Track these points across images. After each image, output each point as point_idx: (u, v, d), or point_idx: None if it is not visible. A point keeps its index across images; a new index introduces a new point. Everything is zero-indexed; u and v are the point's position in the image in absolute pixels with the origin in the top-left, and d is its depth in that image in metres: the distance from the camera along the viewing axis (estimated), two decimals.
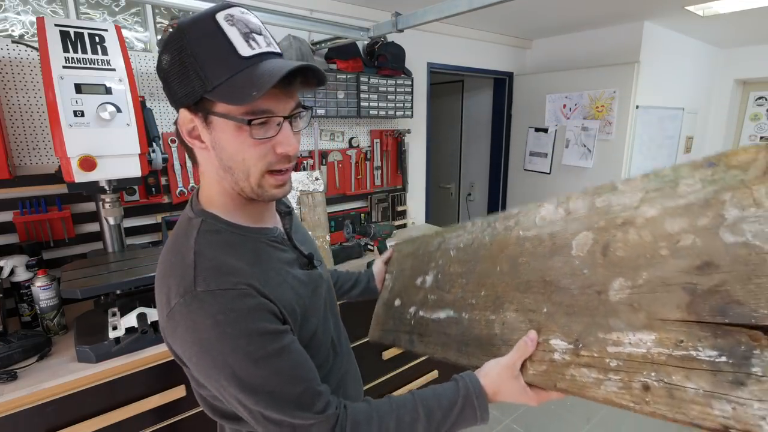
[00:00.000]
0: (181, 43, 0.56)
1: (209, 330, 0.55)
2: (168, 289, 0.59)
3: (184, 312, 0.56)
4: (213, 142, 0.60)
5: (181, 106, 0.59)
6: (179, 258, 0.60)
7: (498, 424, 2.32)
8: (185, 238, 0.62)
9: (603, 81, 2.58)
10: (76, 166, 1.17)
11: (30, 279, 1.33)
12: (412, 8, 1.67)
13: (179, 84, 0.57)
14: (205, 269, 0.58)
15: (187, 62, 0.55)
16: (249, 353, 0.56)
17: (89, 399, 1.16)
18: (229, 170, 0.61)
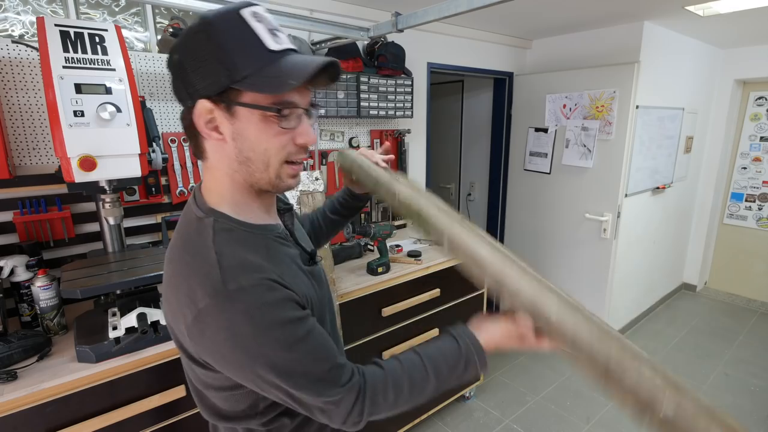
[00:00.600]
0: (206, 34, 0.57)
1: (244, 325, 0.56)
2: (191, 291, 0.58)
3: (216, 311, 0.56)
4: (234, 132, 0.60)
5: (201, 97, 0.59)
6: (199, 258, 0.60)
7: (498, 424, 2.32)
8: (200, 238, 0.62)
9: (603, 81, 2.58)
10: (76, 166, 1.17)
11: (30, 279, 1.33)
12: (412, 8, 1.67)
13: (200, 75, 0.58)
14: (230, 267, 0.58)
15: (213, 53, 0.56)
16: (282, 341, 0.58)
17: (89, 399, 1.16)
18: (247, 161, 0.62)
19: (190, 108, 0.61)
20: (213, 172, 0.66)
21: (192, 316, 0.58)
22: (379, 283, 1.82)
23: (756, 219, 3.70)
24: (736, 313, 3.62)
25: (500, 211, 3.42)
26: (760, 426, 2.30)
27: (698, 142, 3.61)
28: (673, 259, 3.77)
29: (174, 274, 0.62)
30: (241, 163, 0.62)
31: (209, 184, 0.67)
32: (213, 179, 0.66)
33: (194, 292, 0.58)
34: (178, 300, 0.60)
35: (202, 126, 0.60)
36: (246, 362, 0.58)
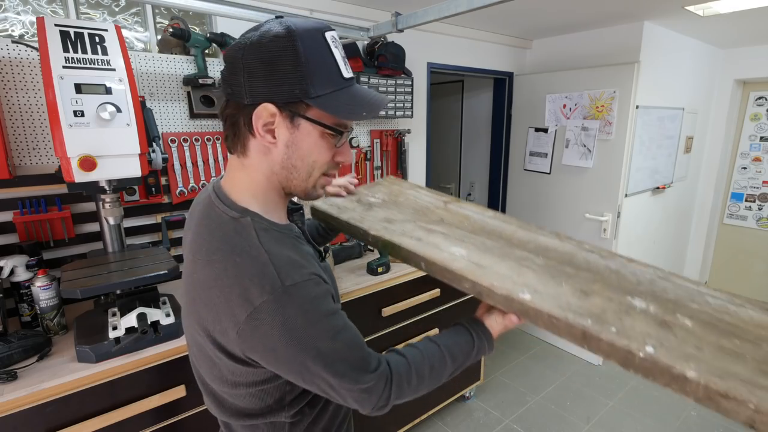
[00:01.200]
0: (292, 45, 0.59)
1: (298, 318, 0.60)
2: (245, 290, 0.60)
3: (274, 308, 0.59)
4: (290, 140, 0.64)
5: (266, 101, 0.61)
6: (248, 258, 0.61)
7: (498, 424, 2.32)
8: (243, 238, 0.63)
9: (603, 81, 2.58)
10: (76, 166, 1.17)
11: (30, 279, 1.33)
12: (412, 8, 1.67)
13: (272, 80, 0.60)
14: (283, 265, 0.62)
15: (294, 65, 0.60)
16: (328, 331, 0.63)
17: (89, 399, 1.16)
18: (293, 168, 0.67)
19: (247, 106, 0.62)
20: (249, 169, 0.68)
21: (246, 314, 0.59)
22: (379, 283, 1.82)
23: (756, 219, 3.70)
24: None
25: (500, 211, 3.42)
26: None
27: (698, 142, 3.61)
28: (673, 259, 3.76)
29: (218, 275, 0.62)
30: (284, 168, 0.66)
31: (241, 180, 0.69)
32: (248, 177, 0.68)
33: (249, 291, 0.59)
34: (228, 300, 0.61)
35: (259, 126, 0.62)
36: (297, 354, 0.61)
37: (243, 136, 0.65)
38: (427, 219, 0.93)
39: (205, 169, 1.83)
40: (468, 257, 0.80)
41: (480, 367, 2.47)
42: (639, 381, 2.70)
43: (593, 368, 2.84)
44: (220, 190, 0.70)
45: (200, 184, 1.83)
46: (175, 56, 1.70)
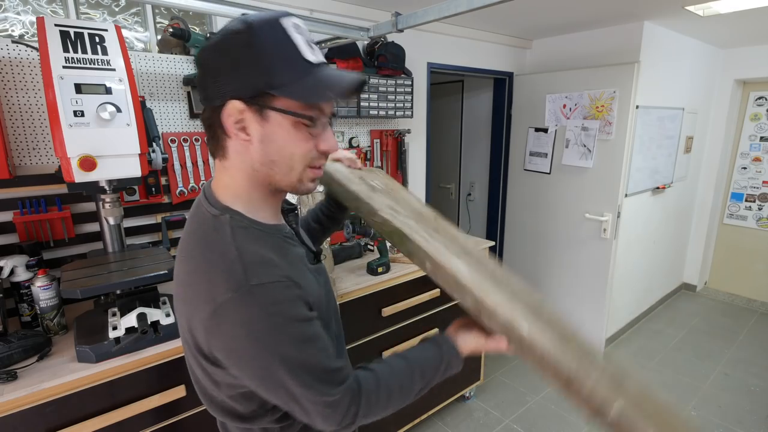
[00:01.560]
0: (248, 39, 0.58)
1: (262, 321, 0.58)
2: (211, 285, 0.60)
3: (237, 306, 0.58)
4: (263, 135, 0.62)
5: (232, 98, 0.60)
6: (218, 254, 0.61)
7: (498, 424, 2.32)
8: (218, 234, 0.63)
9: (603, 81, 2.58)
10: (76, 166, 1.17)
11: (30, 279, 1.33)
12: (412, 8, 1.67)
13: (235, 76, 0.59)
14: (252, 263, 0.60)
15: (252, 57, 0.58)
16: (295, 338, 0.61)
17: (89, 399, 1.16)
18: (271, 164, 0.64)
19: (217, 107, 0.61)
20: (231, 171, 0.66)
21: (210, 310, 0.59)
22: (379, 283, 1.82)
23: (756, 219, 3.70)
24: (736, 313, 3.62)
25: (500, 211, 3.42)
26: (760, 426, 2.30)
27: (698, 142, 3.61)
28: (673, 259, 3.77)
29: (191, 270, 0.63)
30: (264, 164, 0.64)
31: (224, 182, 0.68)
32: (230, 178, 0.67)
33: (215, 287, 0.59)
34: (197, 295, 0.61)
35: (230, 126, 0.61)
36: (259, 357, 0.60)
37: (220, 139, 0.64)
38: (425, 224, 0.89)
39: (205, 169, 1.83)
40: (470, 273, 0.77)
41: (480, 367, 2.47)
42: None
43: None
44: (209, 190, 0.70)
45: (200, 184, 1.83)
46: (175, 56, 1.70)
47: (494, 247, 2.80)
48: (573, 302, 2.96)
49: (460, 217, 3.93)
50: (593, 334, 2.87)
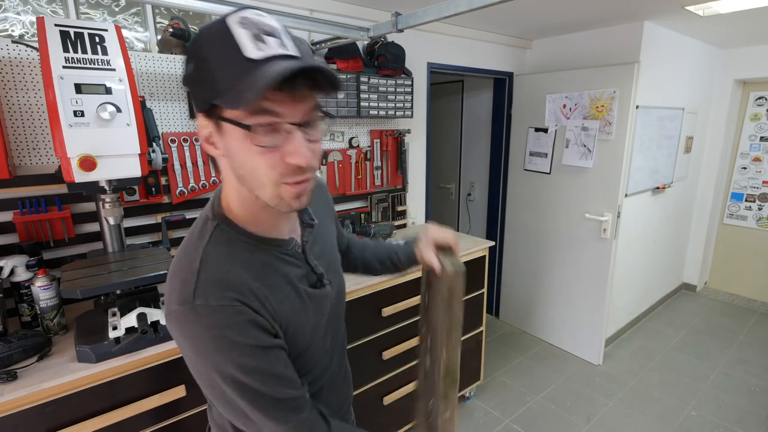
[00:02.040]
0: (196, 48, 0.55)
1: (204, 340, 0.58)
2: (171, 290, 0.62)
3: (181, 320, 0.59)
4: (225, 149, 0.58)
5: (199, 113, 0.59)
6: (187, 262, 0.62)
7: (498, 424, 2.32)
8: (198, 241, 0.64)
9: (603, 81, 2.58)
10: (76, 166, 1.17)
11: (30, 279, 1.33)
12: (412, 8, 1.67)
13: (196, 90, 0.57)
14: (205, 281, 0.59)
15: (200, 67, 0.54)
16: (241, 365, 0.59)
17: (89, 399, 1.16)
18: (242, 179, 0.59)
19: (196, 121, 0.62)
20: (224, 183, 0.66)
21: (166, 313, 0.62)
22: (379, 283, 1.82)
23: (756, 219, 3.70)
24: (736, 313, 3.63)
25: (500, 211, 3.42)
26: (760, 426, 2.30)
27: (698, 142, 3.61)
28: (673, 259, 3.77)
29: (170, 270, 0.65)
30: (238, 179, 0.60)
31: (223, 191, 0.68)
32: (224, 189, 0.67)
33: (171, 293, 0.61)
34: (166, 293, 0.64)
35: (203, 140, 0.60)
36: (204, 373, 0.61)
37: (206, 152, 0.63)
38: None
39: (206, 170, 1.83)
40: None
41: (480, 367, 2.47)
42: (639, 381, 2.70)
43: (593, 368, 2.84)
44: (218, 193, 0.69)
45: (200, 184, 1.83)
46: (175, 56, 1.70)
47: (494, 247, 2.80)
48: (573, 302, 2.96)
49: (460, 217, 3.93)
50: (593, 334, 2.87)
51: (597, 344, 2.86)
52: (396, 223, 2.62)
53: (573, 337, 3.00)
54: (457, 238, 0.92)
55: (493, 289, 3.57)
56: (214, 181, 1.86)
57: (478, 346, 2.42)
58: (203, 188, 1.83)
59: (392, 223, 2.49)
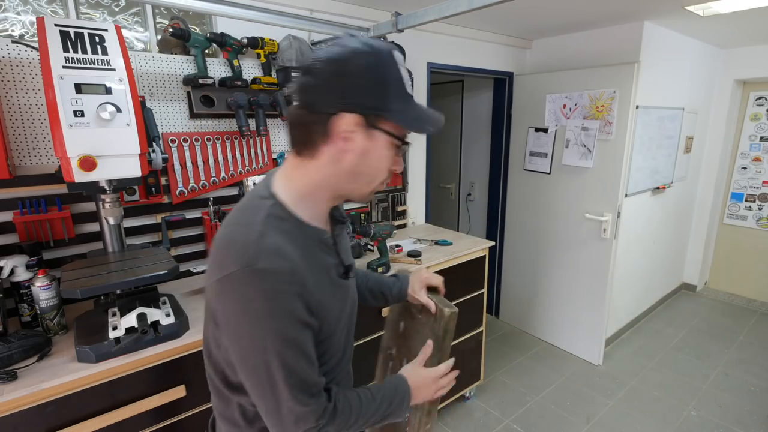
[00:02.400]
0: (375, 62, 0.65)
1: (257, 302, 0.62)
2: (226, 255, 0.64)
3: (239, 281, 0.62)
4: (364, 149, 0.68)
5: (347, 110, 0.65)
6: (245, 230, 0.66)
7: (498, 424, 2.32)
8: (254, 213, 0.68)
9: (603, 81, 2.58)
10: (76, 166, 1.17)
11: (30, 279, 1.33)
12: (412, 8, 1.67)
13: (358, 93, 0.65)
14: (267, 247, 0.63)
15: (376, 80, 0.65)
16: (286, 334, 0.64)
17: (89, 399, 1.16)
18: (359, 175, 0.70)
19: (326, 114, 0.65)
20: (309, 171, 0.70)
21: (217, 278, 0.64)
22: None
23: (756, 219, 3.70)
24: (736, 313, 3.63)
25: (500, 211, 3.42)
26: (760, 426, 2.30)
27: (698, 142, 3.61)
28: (673, 259, 3.77)
29: (223, 237, 0.68)
30: (351, 174, 0.70)
31: (293, 175, 0.72)
32: (303, 176, 0.71)
33: (227, 258, 0.64)
34: (215, 260, 0.66)
35: (338, 133, 0.66)
36: (247, 336, 0.64)
37: (316, 141, 0.68)
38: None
39: (205, 169, 1.83)
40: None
41: (480, 367, 2.47)
42: (639, 381, 2.70)
43: (593, 368, 2.84)
44: (270, 177, 0.75)
45: (200, 184, 1.83)
46: (175, 56, 1.70)
47: (494, 247, 2.80)
48: (573, 302, 2.96)
49: (460, 217, 3.93)
50: (593, 334, 2.87)
51: (597, 344, 2.86)
52: (396, 223, 2.62)
53: (573, 337, 3.00)
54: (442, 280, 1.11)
55: (493, 289, 3.57)
56: (215, 181, 1.86)
57: (478, 346, 2.42)
58: (203, 188, 1.84)
59: (392, 223, 2.49)
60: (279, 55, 1.92)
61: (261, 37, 1.83)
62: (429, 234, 2.50)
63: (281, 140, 2.07)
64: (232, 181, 1.91)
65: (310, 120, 0.67)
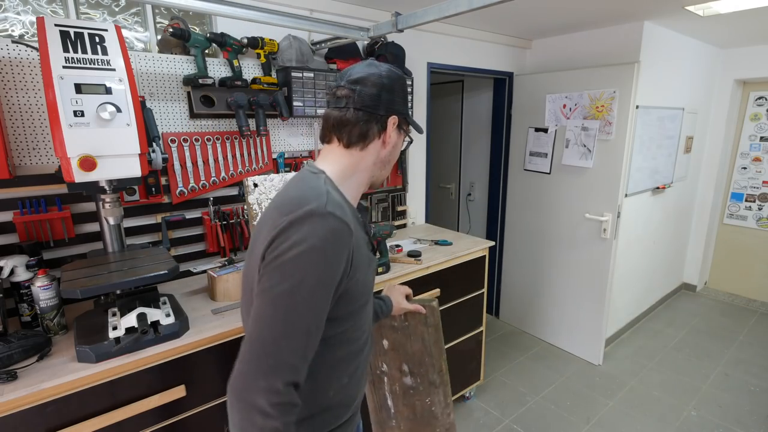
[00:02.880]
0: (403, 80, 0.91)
1: (315, 239, 0.70)
2: (300, 202, 0.74)
3: (313, 216, 0.71)
4: (395, 143, 0.90)
5: (396, 114, 0.87)
6: (314, 189, 0.77)
7: (498, 424, 2.32)
8: (315, 180, 0.80)
9: (603, 81, 2.58)
10: (76, 166, 1.17)
11: (30, 279, 1.33)
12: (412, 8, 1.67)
13: (401, 102, 0.89)
14: (333, 200, 0.76)
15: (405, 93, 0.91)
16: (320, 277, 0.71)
17: (89, 399, 1.16)
18: (387, 162, 0.91)
19: (380, 115, 0.85)
20: (357, 159, 0.86)
21: (290, 217, 0.72)
22: (379, 283, 1.82)
23: (756, 219, 3.70)
24: (736, 313, 3.63)
25: (500, 211, 3.42)
26: (760, 426, 2.30)
27: (698, 142, 3.61)
28: (673, 259, 3.77)
29: (281, 196, 0.80)
30: (382, 161, 0.90)
31: (341, 162, 0.86)
32: (351, 163, 0.86)
33: (302, 204, 0.73)
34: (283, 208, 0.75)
35: (390, 130, 0.87)
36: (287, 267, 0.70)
37: (370, 136, 0.85)
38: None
39: (205, 169, 1.83)
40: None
41: (480, 367, 2.47)
42: (639, 381, 2.70)
43: (593, 368, 2.84)
44: (311, 162, 0.88)
45: (200, 184, 1.83)
46: (175, 56, 1.70)
47: (494, 247, 2.80)
48: (573, 302, 2.96)
49: (460, 217, 3.93)
50: (593, 334, 2.87)
51: (597, 344, 2.86)
52: (396, 223, 2.62)
53: (573, 337, 3.00)
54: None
55: (493, 289, 3.57)
56: (214, 181, 1.86)
57: (478, 346, 2.42)
58: (203, 188, 1.84)
59: (392, 223, 2.49)
60: (279, 55, 1.92)
61: (261, 37, 1.83)
62: (429, 234, 2.50)
63: (281, 140, 2.07)
64: (232, 181, 1.91)
65: (366, 118, 0.83)
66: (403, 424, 1.38)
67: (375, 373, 1.37)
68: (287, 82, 1.90)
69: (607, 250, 2.71)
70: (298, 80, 1.89)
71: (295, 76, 1.88)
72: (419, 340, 1.28)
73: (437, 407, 1.34)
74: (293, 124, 2.10)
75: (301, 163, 2.13)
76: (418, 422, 1.36)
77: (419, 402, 1.36)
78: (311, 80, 1.93)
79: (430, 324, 1.29)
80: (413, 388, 1.34)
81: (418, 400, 1.36)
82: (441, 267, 2.07)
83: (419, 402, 1.36)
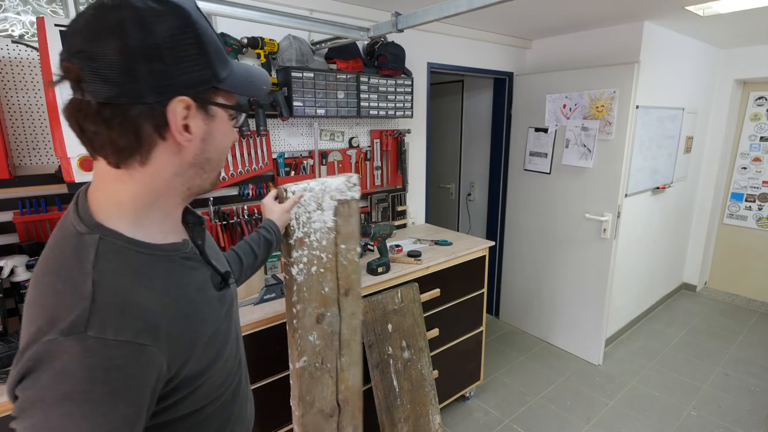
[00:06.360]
0: (184, 22, 0.50)
1: (79, 384, 0.44)
2: (45, 319, 0.46)
3: (57, 353, 0.44)
4: (206, 132, 0.56)
5: (179, 94, 0.51)
6: (69, 285, 0.48)
7: (498, 424, 2.32)
8: (76, 259, 0.50)
9: (603, 81, 2.58)
10: (76, 166, 1.17)
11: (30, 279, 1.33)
12: (412, 8, 1.67)
13: (182, 68, 0.50)
14: (105, 307, 0.47)
15: (197, 46, 0.51)
16: (110, 424, 0.46)
17: None
18: (205, 163, 0.59)
19: (150, 105, 0.50)
20: (140, 178, 0.54)
21: (24, 346, 0.47)
22: (379, 283, 1.82)
23: (756, 219, 3.70)
24: (736, 313, 3.63)
25: (500, 211, 3.42)
26: (760, 426, 2.30)
27: (698, 142, 3.62)
28: (673, 259, 3.77)
29: (35, 300, 0.50)
30: (195, 165, 0.57)
31: (117, 193, 0.55)
32: (135, 186, 0.55)
33: (46, 323, 0.46)
34: (27, 328, 0.48)
35: (177, 125, 0.52)
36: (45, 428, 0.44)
37: (145, 143, 0.52)
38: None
39: None
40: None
41: (480, 367, 2.47)
42: (639, 381, 2.70)
43: (593, 368, 2.84)
44: (83, 201, 0.55)
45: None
46: None
47: (494, 247, 2.80)
48: (573, 302, 2.96)
49: (460, 217, 3.93)
50: (593, 334, 2.87)
51: (597, 344, 2.86)
52: (396, 223, 2.62)
53: (573, 337, 3.00)
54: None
55: (493, 289, 3.57)
56: None
57: (477, 346, 2.42)
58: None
59: (392, 223, 2.49)
60: (279, 55, 1.92)
61: (261, 37, 1.83)
62: (429, 234, 2.50)
63: (281, 140, 2.07)
64: (232, 181, 1.91)
65: (129, 117, 0.49)
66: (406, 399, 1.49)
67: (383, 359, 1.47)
68: (287, 82, 1.90)
69: (607, 250, 2.71)
70: (298, 80, 1.89)
71: (295, 76, 1.89)
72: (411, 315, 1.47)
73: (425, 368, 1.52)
74: (293, 124, 2.10)
75: (300, 163, 2.13)
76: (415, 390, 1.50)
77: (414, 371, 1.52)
78: (311, 80, 1.93)
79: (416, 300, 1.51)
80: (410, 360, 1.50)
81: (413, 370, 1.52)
82: (441, 267, 2.07)
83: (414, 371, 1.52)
